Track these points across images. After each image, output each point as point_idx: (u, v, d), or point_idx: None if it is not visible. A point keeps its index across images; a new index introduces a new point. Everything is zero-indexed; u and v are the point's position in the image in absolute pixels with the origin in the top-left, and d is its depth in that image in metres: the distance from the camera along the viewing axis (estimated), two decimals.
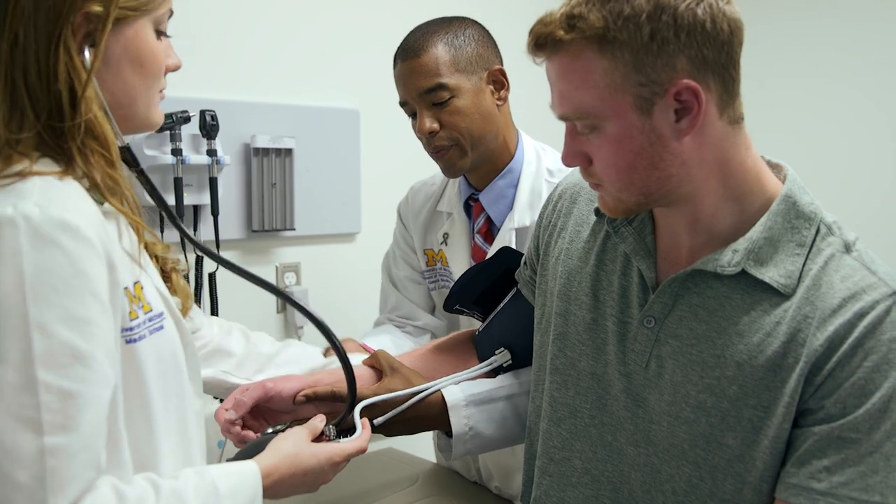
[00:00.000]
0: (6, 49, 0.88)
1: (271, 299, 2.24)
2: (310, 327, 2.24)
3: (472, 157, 1.51)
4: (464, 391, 1.27)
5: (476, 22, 1.56)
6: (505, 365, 1.32)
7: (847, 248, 0.96)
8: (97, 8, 0.88)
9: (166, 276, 1.06)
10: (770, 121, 2.67)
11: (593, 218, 1.14)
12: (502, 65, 1.55)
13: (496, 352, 1.33)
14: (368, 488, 1.66)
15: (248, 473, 0.95)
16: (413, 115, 1.53)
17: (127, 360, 0.89)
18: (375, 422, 1.20)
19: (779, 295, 0.95)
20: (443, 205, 1.68)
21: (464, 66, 1.48)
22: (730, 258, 0.96)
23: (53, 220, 0.80)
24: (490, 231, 1.59)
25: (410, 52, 1.48)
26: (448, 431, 1.27)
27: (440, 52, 1.47)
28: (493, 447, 1.32)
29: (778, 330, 0.94)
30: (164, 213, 1.03)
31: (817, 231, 0.97)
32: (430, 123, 1.48)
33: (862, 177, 2.85)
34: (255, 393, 1.19)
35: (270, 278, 2.23)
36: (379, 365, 1.29)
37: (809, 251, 0.96)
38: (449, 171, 1.54)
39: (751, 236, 0.96)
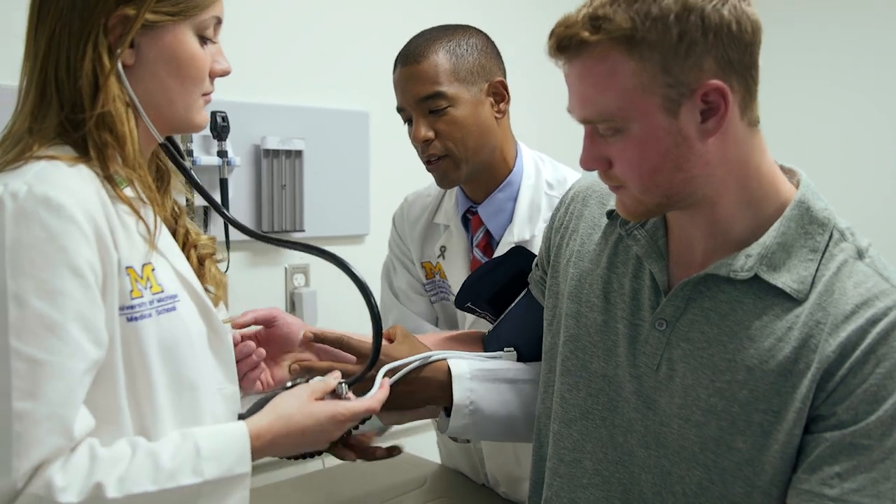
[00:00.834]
0: (44, 43, 0.94)
1: (281, 299, 2.25)
2: (319, 327, 2.25)
3: (465, 170, 1.48)
4: (469, 365, 1.27)
5: (481, 31, 1.53)
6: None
7: (860, 255, 0.96)
8: (131, 11, 0.93)
9: (200, 265, 1.08)
10: (771, 124, 2.67)
11: (605, 221, 1.14)
12: (505, 77, 1.52)
13: (505, 350, 1.33)
14: (376, 490, 1.67)
15: (236, 434, 0.96)
16: (409, 121, 1.50)
17: (128, 337, 0.91)
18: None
19: (791, 300, 0.95)
20: (440, 217, 1.65)
21: (464, 75, 1.45)
22: (743, 263, 0.96)
23: (37, 197, 0.84)
24: (489, 244, 1.56)
25: (410, 58, 1.46)
26: (447, 408, 1.27)
27: (441, 59, 1.44)
28: (493, 430, 1.31)
29: (789, 335, 0.94)
30: (210, 205, 1.08)
31: (830, 237, 0.97)
32: (425, 131, 1.45)
33: (863, 179, 2.85)
34: (266, 311, 1.27)
35: (279, 279, 2.24)
36: (393, 335, 1.29)
37: (822, 257, 0.96)
38: (442, 182, 1.52)
39: (764, 241, 0.96)
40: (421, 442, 2.06)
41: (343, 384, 1.10)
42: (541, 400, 1.21)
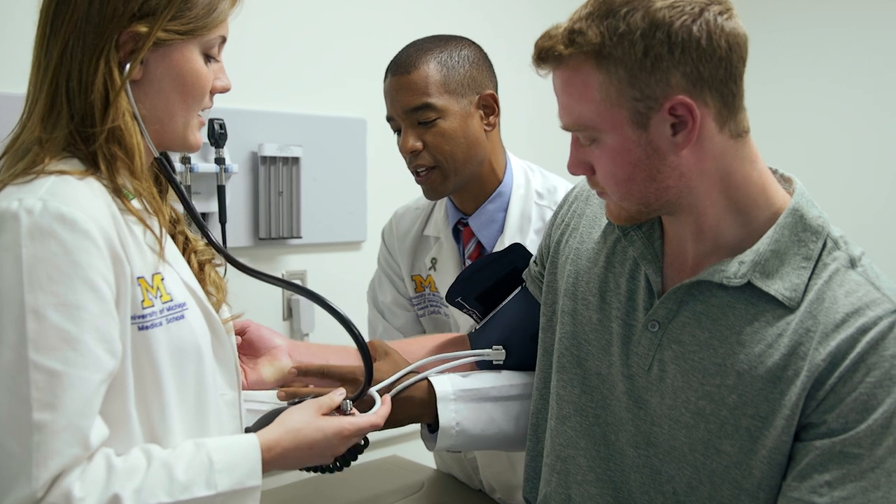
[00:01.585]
0: (57, 54, 0.94)
1: (278, 306, 2.25)
2: (315, 334, 2.26)
3: (453, 182, 1.48)
4: (454, 384, 1.26)
5: (474, 43, 1.53)
6: (495, 362, 1.30)
7: (852, 263, 0.97)
8: (143, 28, 0.94)
9: (200, 270, 1.09)
10: (771, 123, 2.68)
11: (605, 221, 1.15)
12: (496, 90, 1.52)
13: (493, 348, 1.31)
14: (374, 495, 1.67)
15: (247, 447, 0.97)
16: (398, 131, 1.50)
17: (140, 345, 0.93)
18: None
19: (782, 307, 0.96)
20: (430, 229, 1.65)
21: (454, 87, 1.45)
22: (736, 270, 0.97)
23: (52, 213, 0.86)
24: (481, 255, 1.57)
25: (401, 68, 1.46)
26: (432, 423, 1.26)
27: (431, 70, 1.44)
28: (481, 446, 1.30)
29: (780, 342, 0.95)
30: (193, 220, 1.09)
31: (824, 245, 0.98)
32: (413, 142, 1.45)
33: (865, 179, 2.85)
34: (239, 322, 1.27)
35: (276, 286, 2.24)
36: (374, 350, 1.29)
37: (815, 265, 0.97)
38: (430, 194, 1.52)
39: (757, 248, 0.97)
40: (417, 447, 2.07)
41: (348, 401, 1.12)
42: (539, 395, 1.22)
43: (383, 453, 2.09)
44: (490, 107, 1.50)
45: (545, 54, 0.96)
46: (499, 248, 1.52)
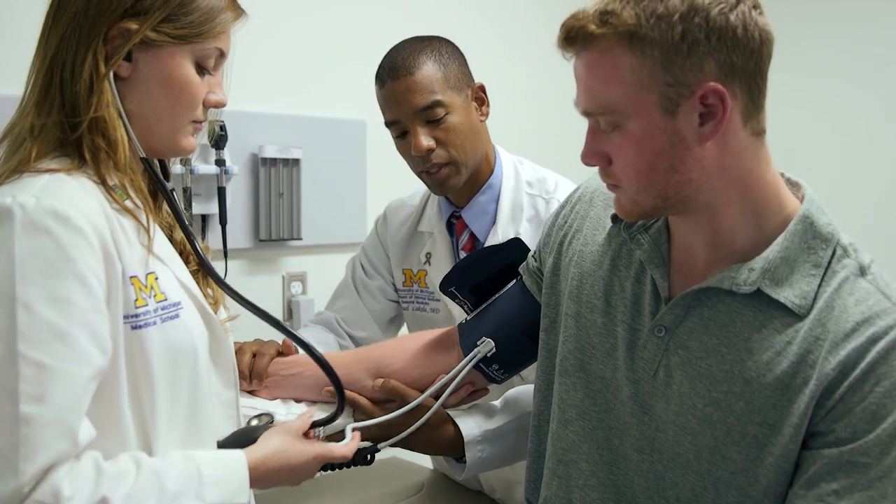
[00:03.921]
0: (55, 43, 0.97)
1: (279, 306, 2.25)
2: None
3: (464, 174, 1.51)
4: (479, 425, 1.32)
5: (449, 40, 1.56)
6: (489, 355, 1.28)
7: (862, 271, 0.96)
8: (132, 26, 0.95)
9: (196, 272, 1.09)
10: (772, 122, 2.68)
11: (609, 223, 1.14)
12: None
13: (478, 342, 1.28)
14: (374, 497, 1.67)
15: (237, 464, 0.98)
16: (401, 134, 1.52)
17: (133, 344, 0.93)
18: (381, 445, 1.25)
19: (791, 315, 0.95)
20: (424, 225, 1.67)
21: (454, 82, 1.49)
22: (746, 277, 0.96)
23: (45, 209, 0.87)
24: (475, 247, 1.59)
25: (402, 71, 1.47)
26: (457, 456, 1.33)
27: (432, 69, 1.47)
28: (496, 468, 1.39)
29: (788, 350, 0.94)
30: (178, 224, 1.08)
31: (833, 252, 0.97)
32: (426, 141, 1.47)
33: (863, 179, 2.85)
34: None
35: (277, 287, 2.24)
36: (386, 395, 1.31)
37: (825, 273, 0.96)
38: (440, 188, 1.53)
39: (767, 255, 0.96)
40: None
41: (321, 429, 1.15)
42: (542, 397, 1.21)
43: (382, 455, 2.08)
44: (481, 98, 1.55)
45: (574, 34, 0.94)
46: (492, 238, 1.55)
